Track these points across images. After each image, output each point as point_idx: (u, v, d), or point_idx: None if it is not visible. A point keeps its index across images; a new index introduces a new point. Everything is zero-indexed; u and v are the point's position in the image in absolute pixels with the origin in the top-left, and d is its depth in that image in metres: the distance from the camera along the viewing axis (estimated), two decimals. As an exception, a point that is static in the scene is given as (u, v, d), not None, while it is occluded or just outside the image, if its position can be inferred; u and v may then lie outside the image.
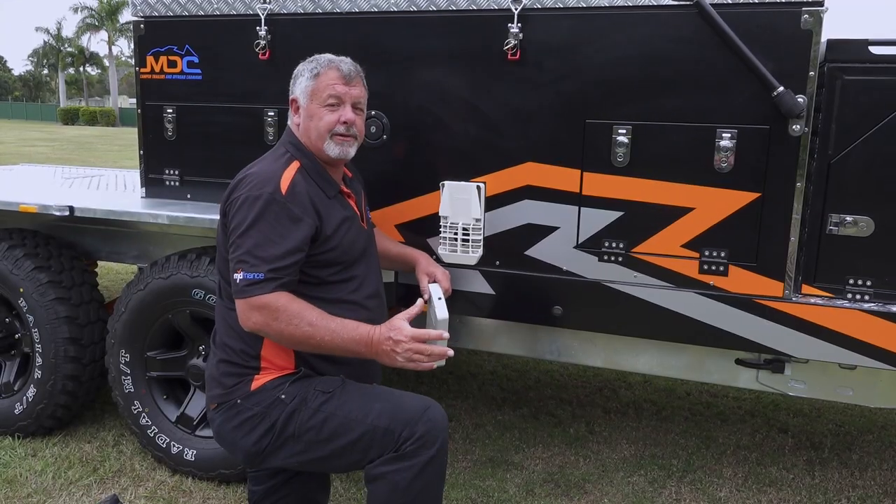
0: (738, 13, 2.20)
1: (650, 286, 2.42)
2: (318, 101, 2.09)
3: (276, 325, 1.91)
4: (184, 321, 2.87)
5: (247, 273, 1.90)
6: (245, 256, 1.91)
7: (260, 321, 1.91)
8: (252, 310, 1.91)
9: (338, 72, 2.09)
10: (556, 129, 2.44)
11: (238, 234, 1.94)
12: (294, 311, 1.91)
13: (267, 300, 1.90)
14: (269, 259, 1.90)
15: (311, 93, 2.09)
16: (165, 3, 2.91)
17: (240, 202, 1.97)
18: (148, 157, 3.11)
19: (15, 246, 3.12)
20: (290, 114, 2.18)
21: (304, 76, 2.12)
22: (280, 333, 1.92)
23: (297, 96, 2.13)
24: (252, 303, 1.90)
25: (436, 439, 1.91)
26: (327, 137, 2.08)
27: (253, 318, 1.91)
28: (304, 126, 2.12)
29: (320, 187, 2.08)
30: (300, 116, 2.12)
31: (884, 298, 2.26)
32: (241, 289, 1.91)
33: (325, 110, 2.08)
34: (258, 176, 2.01)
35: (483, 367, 4.33)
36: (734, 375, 2.61)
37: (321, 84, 2.09)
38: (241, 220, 1.94)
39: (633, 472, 3.09)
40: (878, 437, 3.50)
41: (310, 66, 2.12)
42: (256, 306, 1.90)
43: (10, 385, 3.25)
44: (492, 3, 2.44)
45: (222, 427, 2.05)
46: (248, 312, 1.92)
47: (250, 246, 1.91)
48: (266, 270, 1.90)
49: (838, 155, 2.25)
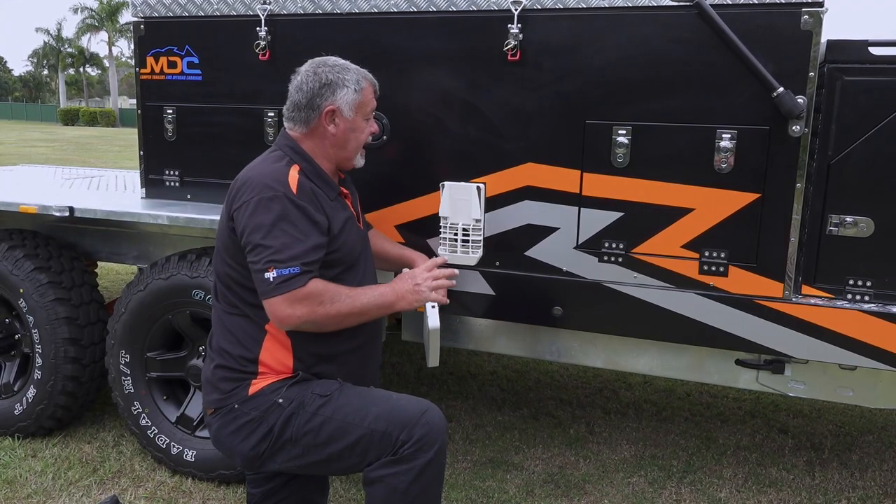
0: (737, 14, 2.20)
1: (650, 287, 2.42)
2: (362, 115, 2.14)
3: (322, 310, 1.93)
4: (184, 322, 2.87)
5: (280, 270, 1.89)
6: (274, 255, 1.90)
7: (305, 312, 1.91)
8: (295, 303, 1.90)
9: (373, 86, 2.17)
10: (556, 129, 2.44)
11: (260, 235, 1.91)
12: (333, 290, 1.97)
13: (309, 289, 1.91)
14: (300, 255, 1.92)
15: (358, 106, 2.11)
16: (165, 4, 2.91)
17: (253, 205, 1.94)
18: (148, 157, 3.11)
19: (15, 246, 3.12)
20: (310, 120, 2.09)
21: (349, 88, 2.09)
22: (326, 316, 1.95)
23: (339, 106, 2.09)
24: (295, 296, 1.90)
25: (434, 442, 1.91)
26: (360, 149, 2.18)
27: (297, 311, 1.91)
28: (342, 137, 2.11)
29: (322, 189, 2.08)
30: (338, 127, 2.10)
31: (884, 299, 2.26)
32: (276, 286, 1.89)
33: (365, 123, 2.16)
34: (265, 177, 1.99)
35: (483, 367, 4.33)
36: (734, 376, 2.61)
37: (366, 98, 2.14)
38: (261, 222, 1.92)
39: (633, 472, 3.09)
40: (879, 438, 3.50)
41: (353, 78, 2.10)
42: (300, 298, 1.90)
43: (9, 386, 3.25)
44: (492, 4, 2.44)
45: (220, 432, 2.05)
46: (289, 307, 1.90)
47: (278, 245, 1.90)
48: (300, 264, 1.91)
49: (838, 155, 2.25)
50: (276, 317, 1.93)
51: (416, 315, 2.89)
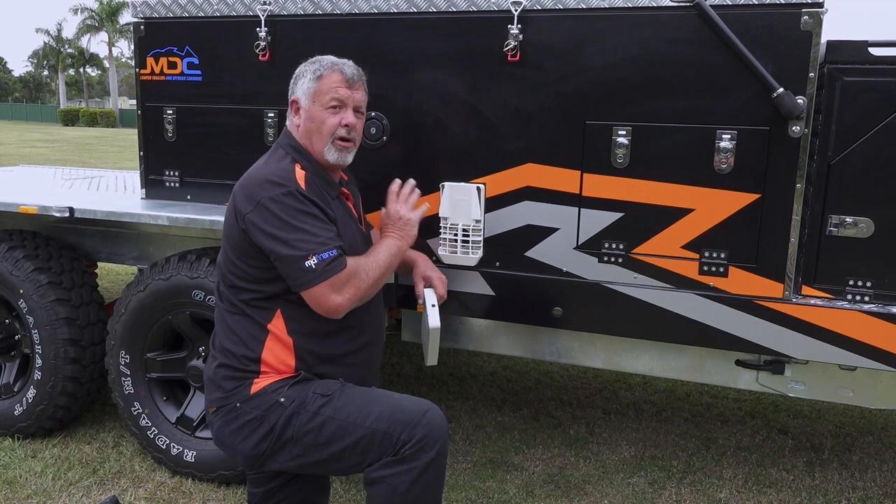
0: (737, 14, 2.20)
1: (650, 287, 2.42)
2: (320, 104, 2.07)
3: (364, 284, 2.00)
4: (184, 322, 2.87)
5: (320, 255, 1.90)
6: (309, 243, 1.91)
7: (352, 293, 1.96)
8: (341, 289, 1.94)
9: (341, 74, 2.09)
10: (556, 130, 2.44)
11: (286, 230, 1.91)
12: (361, 263, 2.03)
13: (349, 269, 1.96)
14: (333, 237, 1.96)
15: (314, 95, 2.08)
16: (165, 5, 2.91)
17: (268, 203, 1.93)
18: (148, 158, 3.11)
19: (15, 247, 3.12)
20: (289, 115, 2.16)
21: (307, 77, 2.09)
22: (368, 288, 2.02)
23: (297, 97, 2.11)
24: (338, 280, 1.93)
25: (435, 442, 1.91)
26: (329, 142, 2.08)
27: (345, 295, 1.95)
28: (304, 128, 2.10)
29: (322, 188, 2.08)
30: (300, 118, 2.11)
31: (884, 300, 2.26)
32: (320, 273, 1.90)
33: (327, 113, 2.07)
34: (273, 175, 1.99)
35: (483, 368, 4.33)
36: (734, 376, 2.61)
37: (324, 86, 2.07)
38: (282, 218, 1.92)
39: (633, 473, 3.09)
40: (879, 439, 3.50)
41: (312, 68, 2.10)
42: (343, 282, 1.94)
43: (10, 386, 3.25)
44: (491, 5, 2.44)
45: (221, 430, 2.05)
46: (338, 295, 1.94)
47: (308, 233, 1.92)
48: (335, 246, 1.94)
49: (838, 156, 2.25)
50: (326, 307, 1.95)
51: (416, 315, 2.89)
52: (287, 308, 2.02)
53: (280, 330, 2.02)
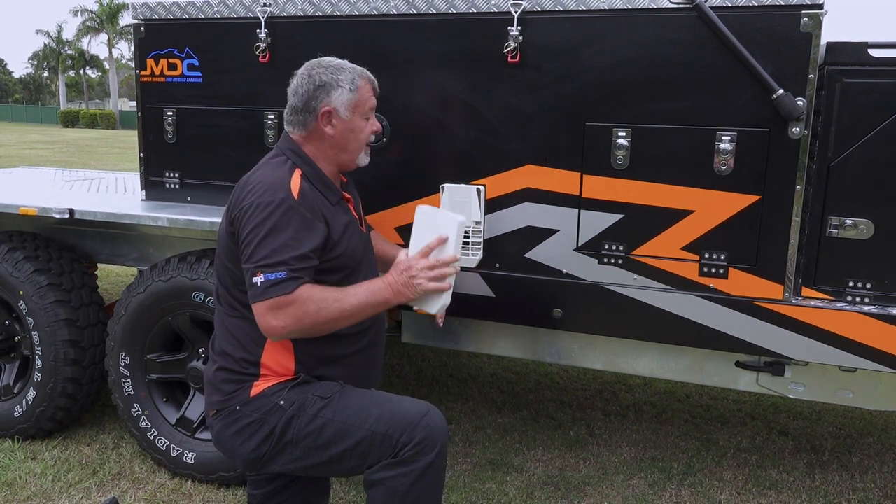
0: (737, 16, 2.20)
1: (650, 289, 2.42)
2: (360, 114, 2.09)
3: (308, 319, 1.88)
4: (184, 324, 2.87)
5: (268, 274, 1.86)
6: (265, 260, 1.87)
7: (290, 321, 1.86)
8: (278, 311, 1.86)
9: (370, 83, 2.13)
10: (556, 131, 2.45)
11: (256, 239, 1.89)
12: (319, 296, 1.90)
13: (293, 296, 1.86)
14: (290, 260, 1.88)
15: (355, 105, 2.07)
16: (166, 6, 2.92)
17: (252, 208, 1.92)
18: (148, 159, 3.12)
19: (15, 248, 3.12)
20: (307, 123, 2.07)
21: (344, 88, 2.06)
22: (314, 323, 1.90)
23: (335, 107, 2.06)
24: (278, 303, 1.85)
25: (434, 444, 1.91)
26: (363, 149, 2.14)
27: (281, 321, 1.86)
28: (341, 138, 2.08)
29: (324, 194, 2.06)
30: (335, 128, 2.07)
31: (884, 301, 2.26)
32: (262, 290, 1.86)
33: (364, 122, 2.11)
34: (267, 182, 1.98)
35: (483, 369, 4.33)
36: (734, 378, 2.61)
37: (362, 97, 2.09)
38: (257, 226, 1.90)
39: (633, 474, 3.09)
40: (879, 440, 3.49)
41: (347, 78, 2.07)
42: (283, 305, 1.85)
43: (9, 388, 3.25)
44: (491, 7, 2.44)
45: (221, 433, 2.05)
46: (273, 318, 1.86)
47: (269, 250, 1.88)
48: (288, 270, 1.87)
49: (838, 157, 2.25)
50: (263, 327, 1.90)
51: (416, 316, 2.89)
52: None
53: (280, 332, 2.01)
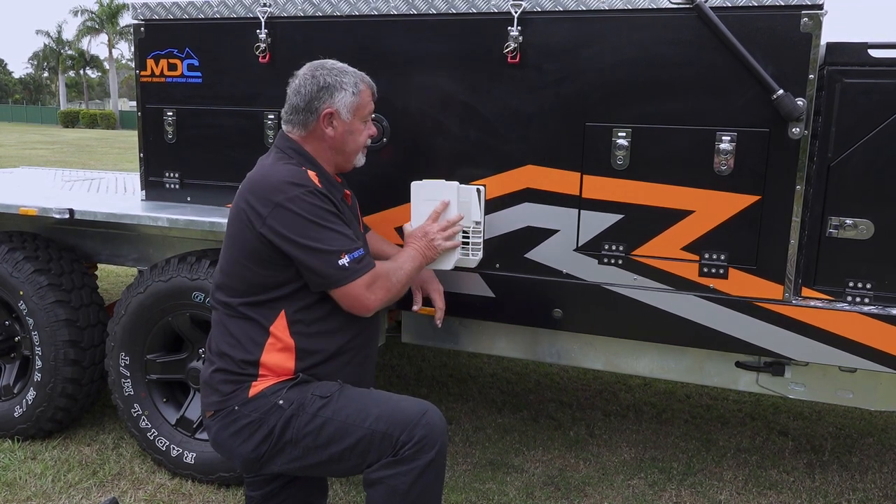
0: (737, 16, 2.20)
1: (650, 289, 2.42)
2: (360, 118, 2.15)
3: (394, 288, 2.07)
4: (184, 324, 2.87)
5: (351, 254, 1.96)
6: (337, 243, 1.96)
7: (382, 293, 2.03)
8: (373, 285, 2.00)
9: (370, 88, 2.19)
10: (556, 131, 2.45)
11: (312, 229, 1.94)
12: (388, 266, 2.10)
13: (377, 270, 2.03)
14: (354, 238, 2.02)
15: (356, 109, 2.13)
16: (166, 7, 2.92)
17: (289, 204, 1.94)
18: (148, 159, 3.12)
19: (15, 249, 3.12)
20: (308, 123, 2.09)
21: (347, 91, 2.10)
22: (398, 291, 2.09)
23: (338, 109, 2.09)
24: (371, 277, 1.99)
25: (434, 443, 1.91)
26: (360, 151, 2.20)
27: (378, 293, 2.01)
28: (341, 139, 2.13)
29: (332, 191, 2.09)
30: (335, 129, 2.11)
31: (884, 301, 2.26)
32: (353, 270, 1.96)
33: (363, 126, 2.18)
34: (287, 177, 1.99)
35: (483, 369, 4.33)
36: (734, 378, 2.61)
37: (363, 101, 2.15)
38: (306, 218, 1.94)
39: (633, 475, 3.09)
40: (879, 440, 3.50)
41: (350, 81, 2.11)
42: (375, 279, 2.01)
43: (9, 388, 3.25)
44: (491, 7, 2.44)
45: (219, 434, 2.04)
46: (371, 291, 2.00)
47: (333, 234, 1.97)
48: (361, 247, 2.02)
49: (838, 158, 2.25)
50: (361, 303, 2.00)
51: (416, 316, 2.89)
52: (291, 309, 2.02)
53: (282, 331, 2.01)
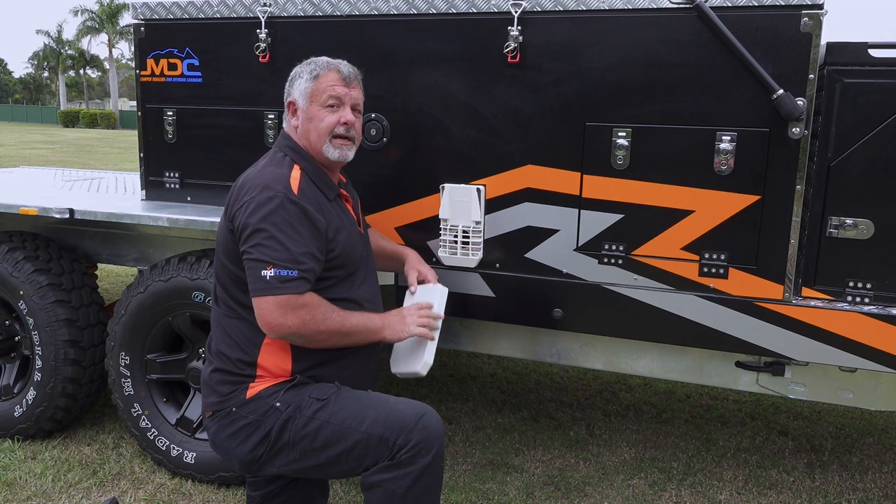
0: (737, 16, 2.20)
1: (650, 289, 2.42)
2: (318, 103, 2.09)
3: (313, 325, 1.92)
4: (184, 324, 2.87)
5: (279, 270, 1.87)
6: (273, 255, 1.88)
7: (297, 323, 1.89)
8: (288, 311, 1.88)
9: (338, 73, 2.10)
10: (556, 131, 2.45)
11: (259, 234, 1.90)
12: (326, 306, 1.95)
13: (305, 299, 1.90)
14: (299, 258, 1.90)
15: (311, 94, 2.09)
16: (166, 6, 2.92)
17: (254, 205, 1.93)
18: (148, 159, 3.12)
19: (15, 248, 3.12)
20: (286, 116, 2.17)
21: (303, 78, 2.11)
22: (316, 331, 1.93)
23: (295, 98, 2.13)
24: (289, 302, 1.87)
25: (431, 447, 1.90)
26: (327, 140, 2.08)
27: (290, 321, 1.88)
28: (303, 128, 2.11)
29: (321, 190, 2.08)
30: (298, 119, 2.12)
31: (884, 301, 2.26)
32: (273, 285, 1.87)
33: (325, 112, 2.08)
34: (266, 179, 1.99)
35: (483, 369, 4.33)
36: (734, 378, 2.61)
37: (321, 85, 2.09)
38: (260, 222, 1.91)
39: (633, 474, 3.09)
40: (879, 440, 3.49)
41: (308, 68, 2.12)
42: (294, 307, 1.88)
43: (9, 388, 3.25)
44: (491, 7, 2.44)
45: (217, 435, 2.05)
46: (282, 315, 1.88)
47: (277, 245, 1.89)
48: (299, 269, 1.89)
49: (838, 158, 2.25)
50: (266, 321, 1.90)
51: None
52: None
53: (279, 333, 2.01)
